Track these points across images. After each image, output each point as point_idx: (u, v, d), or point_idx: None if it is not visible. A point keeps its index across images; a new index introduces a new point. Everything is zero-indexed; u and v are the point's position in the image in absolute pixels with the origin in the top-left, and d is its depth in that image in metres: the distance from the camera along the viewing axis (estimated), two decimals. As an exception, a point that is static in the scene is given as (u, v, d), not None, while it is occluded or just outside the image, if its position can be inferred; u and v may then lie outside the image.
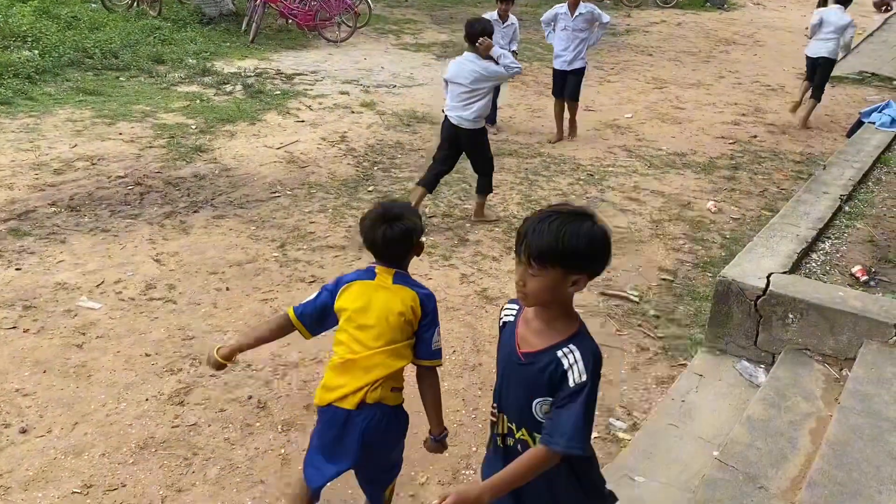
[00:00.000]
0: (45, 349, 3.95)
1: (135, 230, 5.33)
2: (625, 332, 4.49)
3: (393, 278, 2.55)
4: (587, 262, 1.92)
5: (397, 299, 2.50)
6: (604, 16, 7.89)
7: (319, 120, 8.20)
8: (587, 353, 1.97)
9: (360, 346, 2.49)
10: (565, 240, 1.86)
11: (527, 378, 2.03)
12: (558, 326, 2.02)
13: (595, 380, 1.96)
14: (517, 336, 2.08)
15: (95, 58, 9.46)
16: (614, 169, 7.26)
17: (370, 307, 2.50)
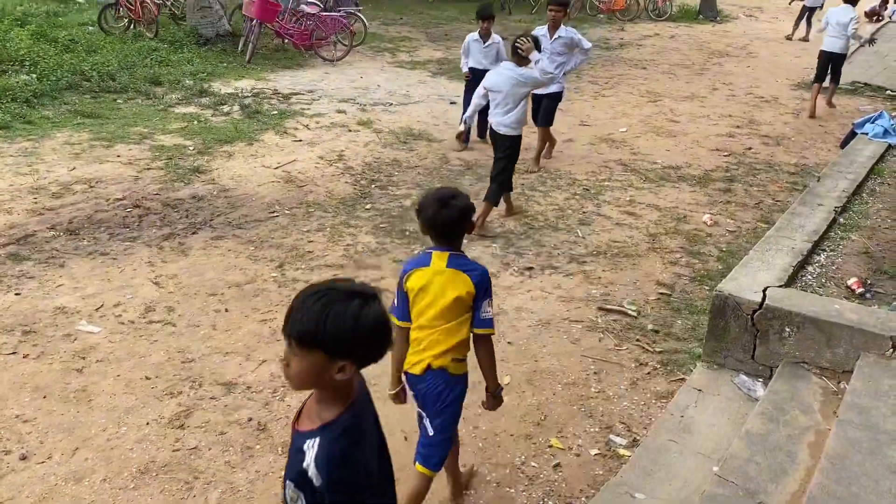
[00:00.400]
0: (45, 374, 3.96)
1: (134, 253, 5.35)
2: (623, 346, 4.51)
3: (447, 262, 2.80)
4: (351, 348, 1.72)
5: (452, 283, 2.78)
6: (584, 41, 7.43)
7: (317, 139, 8.24)
8: (323, 454, 1.70)
9: (423, 326, 2.83)
10: (328, 322, 1.69)
11: (289, 456, 1.82)
12: (321, 410, 1.79)
13: (334, 487, 1.70)
14: (303, 408, 1.88)
15: (93, 80, 9.52)
16: (610, 183, 7.29)
17: (428, 292, 2.80)
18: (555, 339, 4.54)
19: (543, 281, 5.26)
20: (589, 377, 4.20)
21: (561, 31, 7.29)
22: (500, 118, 5.95)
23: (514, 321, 4.70)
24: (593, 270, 5.45)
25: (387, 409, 2.89)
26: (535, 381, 4.12)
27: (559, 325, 4.69)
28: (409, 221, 6.17)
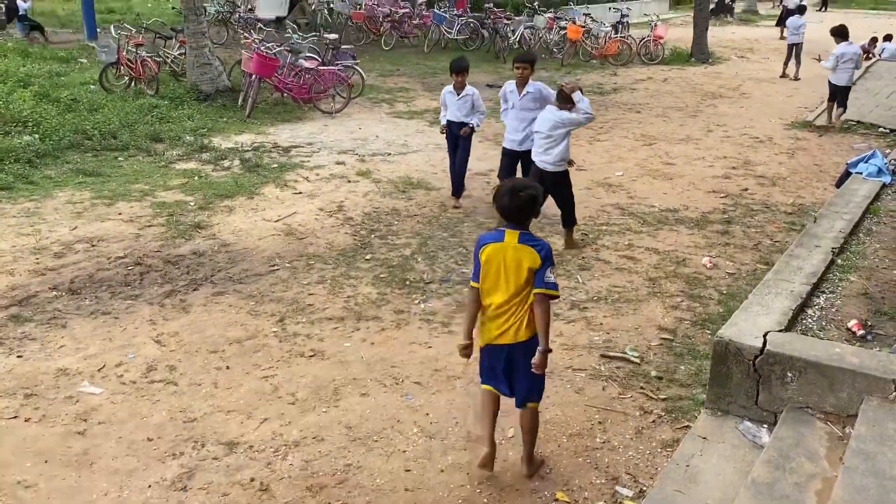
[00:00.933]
0: (47, 438, 3.94)
1: (135, 311, 5.37)
2: (627, 395, 4.49)
3: (518, 238, 3.50)
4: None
5: (523, 257, 3.46)
6: (551, 95, 6.91)
7: (317, 190, 8.33)
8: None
9: (501, 296, 3.50)
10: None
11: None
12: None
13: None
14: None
15: (95, 139, 9.65)
16: (608, 227, 7.34)
17: (504, 264, 3.49)
18: (558, 388, 4.53)
19: (544, 329, 5.26)
20: (594, 427, 4.17)
21: (529, 87, 7.14)
22: (543, 157, 6.60)
23: (516, 371, 4.68)
24: (594, 317, 5.46)
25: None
26: (540, 432, 4.06)
27: (562, 374, 4.68)
28: (409, 271, 6.20)
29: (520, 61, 7.14)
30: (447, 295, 5.78)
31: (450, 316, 5.43)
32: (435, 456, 3.88)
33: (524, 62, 7.12)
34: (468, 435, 4.06)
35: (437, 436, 4.05)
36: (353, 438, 4.01)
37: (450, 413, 4.25)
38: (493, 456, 3.68)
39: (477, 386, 4.50)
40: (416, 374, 4.65)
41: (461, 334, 3.75)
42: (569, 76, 17.31)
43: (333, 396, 4.40)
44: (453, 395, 4.42)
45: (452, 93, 7.77)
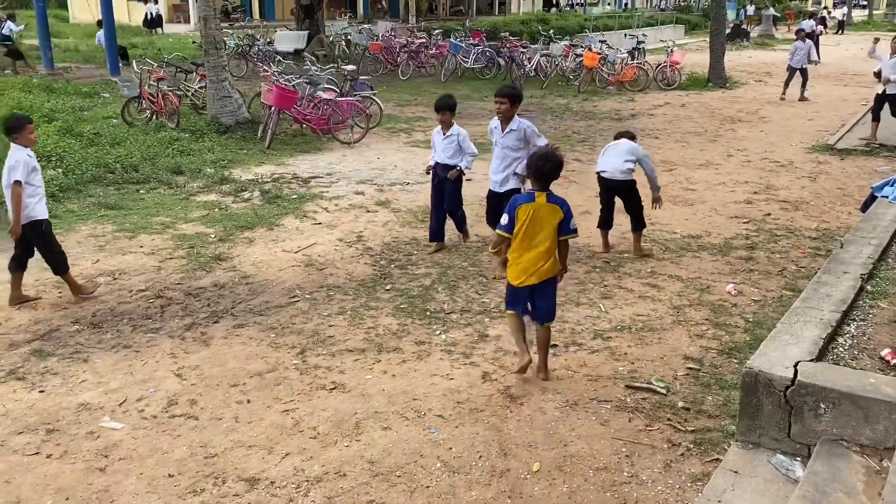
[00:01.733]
0: (68, 475, 3.92)
1: (156, 345, 5.36)
2: (654, 426, 4.39)
3: (546, 198, 4.67)
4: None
5: (550, 213, 4.66)
6: (540, 137, 6.63)
7: (336, 221, 8.34)
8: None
9: (532, 245, 4.68)
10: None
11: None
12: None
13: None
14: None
15: (117, 172, 9.77)
16: (630, 255, 7.26)
17: (536, 220, 4.65)
18: (583, 421, 4.44)
19: (568, 359, 5.18)
20: (621, 461, 4.08)
21: (513, 124, 6.56)
22: (619, 167, 7.13)
23: (541, 403, 4.61)
24: (618, 346, 5.37)
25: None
26: (566, 467, 4.01)
27: (587, 406, 4.59)
28: (429, 301, 6.16)
29: (498, 96, 6.56)
30: (468, 325, 5.72)
31: (471, 346, 5.37)
32: (459, 492, 3.80)
33: (502, 97, 6.51)
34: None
35: (461, 471, 3.97)
36: (376, 474, 3.95)
37: (473, 447, 4.18)
38: (529, 363, 4.79)
39: (499, 419, 4.45)
40: (439, 407, 4.59)
41: (497, 265, 5.57)
42: (586, 103, 17.36)
43: (355, 430, 4.35)
44: (477, 429, 4.35)
45: (439, 132, 7.25)
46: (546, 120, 15.10)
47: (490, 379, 4.93)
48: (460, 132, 7.25)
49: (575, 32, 29.73)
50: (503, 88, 6.71)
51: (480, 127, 14.20)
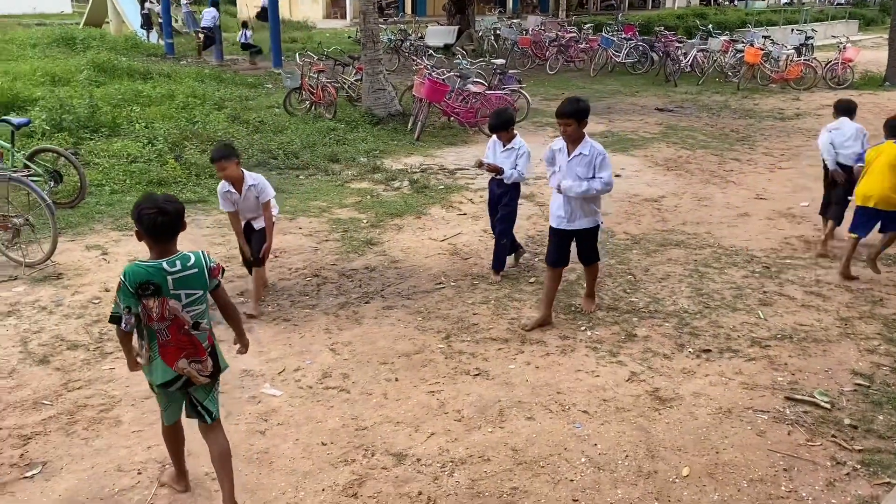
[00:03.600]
0: (232, 434, 4.17)
1: (312, 320, 5.64)
2: (817, 442, 4.11)
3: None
4: None
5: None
6: (607, 170, 5.28)
7: (481, 212, 8.39)
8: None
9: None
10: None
11: None
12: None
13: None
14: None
15: (279, 158, 10.34)
16: (792, 261, 6.83)
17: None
18: (737, 429, 4.23)
19: (723, 365, 4.95)
20: (778, 474, 3.85)
21: (584, 147, 5.28)
22: (848, 151, 6.95)
23: (691, 408, 4.44)
24: (778, 356, 5.07)
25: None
26: (717, 474, 3.83)
27: (742, 415, 4.37)
28: (574, 296, 6.08)
29: (562, 116, 5.23)
30: (614, 324, 5.60)
31: (618, 345, 5.25)
32: (604, 488, 3.73)
33: (566, 117, 5.18)
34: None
35: (606, 467, 3.90)
36: (519, 462, 3.95)
37: (619, 445, 4.09)
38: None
39: (647, 420, 4.33)
40: (584, 403, 4.52)
41: None
42: (745, 100, 16.50)
43: (499, 417, 4.37)
44: (623, 428, 4.25)
45: (497, 143, 6.44)
46: (702, 117, 14.49)
47: (637, 379, 4.80)
48: (523, 146, 6.39)
49: (735, 27, 28.31)
50: (566, 105, 5.23)
51: (631, 123, 13.87)
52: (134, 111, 11.84)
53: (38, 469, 3.86)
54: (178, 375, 3.34)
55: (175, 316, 3.26)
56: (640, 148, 11.80)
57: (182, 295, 3.26)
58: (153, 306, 3.21)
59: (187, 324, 3.31)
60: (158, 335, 3.28)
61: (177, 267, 3.24)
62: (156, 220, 3.18)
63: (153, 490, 3.71)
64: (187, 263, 3.27)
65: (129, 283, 3.17)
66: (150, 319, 3.24)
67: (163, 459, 3.94)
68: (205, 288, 3.36)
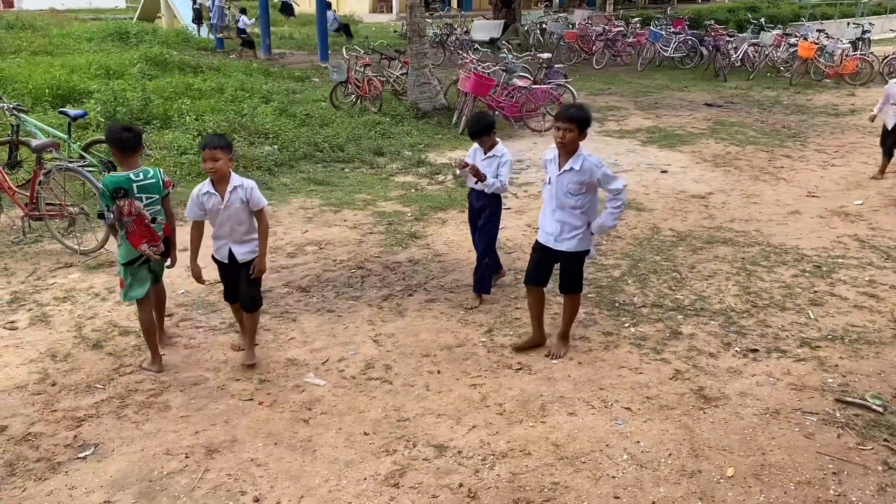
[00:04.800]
0: (277, 422, 4.27)
1: (356, 311, 5.69)
2: (868, 446, 4.01)
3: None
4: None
5: None
6: (614, 179, 4.68)
7: (525, 207, 8.38)
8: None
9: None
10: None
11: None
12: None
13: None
14: None
15: (325, 151, 10.45)
16: (845, 261, 6.66)
17: None
18: (785, 431, 4.15)
19: (770, 365, 4.86)
20: (826, 477, 3.76)
21: (576, 161, 4.64)
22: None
23: (737, 408, 4.36)
24: (828, 357, 4.95)
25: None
26: (763, 476, 3.77)
27: (790, 416, 4.28)
28: (618, 293, 6.02)
29: (563, 119, 4.60)
30: (658, 321, 5.53)
31: (662, 343, 5.18)
32: (646, 486, 3.70)
33: (568, 121, 4.57)
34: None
35: (649, 465, 3.86)
36: (561, 457, 3.94)
37: (662, 443, 4.04)
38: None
39: (691, 419, 4.27)
40: (626, 400, 4.48)
41: None
42: (798, 96, 16.10)
43: (540, 412, 4.36)
44: (667, 426, 4.20)
45: (478, 151, 5.75)
46: (752, 113, 14.19)
47: (682, 377, 4.74)
48: (505, 154, 5.72)
49: (788, 21, 27.63)
50: (568, 109, 4.69)
51: (679, 119, 13.65)
52: (185, 104, 12.08)
53: (90, 450, 3.99)
54: (140, 255, 4.61)
55: (139, 213, 4.52)
56: (687, 144, 11.61)
57: (143, 197, 4.58)
58: (124, 205, 4.48)
59: (147, 218, 4.58)
60: (127, 226, 4.55)
61: (140, 177, 4.57)
62: (122, 136, 4.50)
63: (200, 474, 3.80)
64: (147, 175, 4.62)
65: (107, 188, 4.47)
66: (122, 214, 4.50)
67: (209, 444, 4.04)
68: (160, 193, 4.66)
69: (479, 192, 5.80)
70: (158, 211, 4.68)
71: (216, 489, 3.69)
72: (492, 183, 5.63)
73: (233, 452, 3.98)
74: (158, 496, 3.64)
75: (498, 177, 5.65)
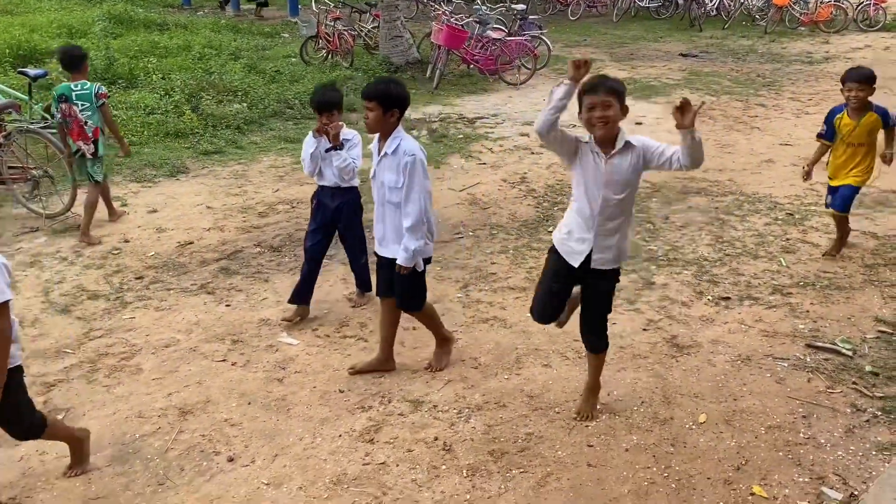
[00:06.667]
0: (250, 382, 4.24)
1: (329, 270, 5.64)
2: (837, 389, 4.07)
3: None
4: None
5: None
6: (416, 167, 3.87)
7: (500, 162, 8.31)
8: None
9: None
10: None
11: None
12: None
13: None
14: None
15: (295, 108, 10.26)
16: (817, 208, 6.69)
17: None
18: (756, 377, 4.19)
19: (742, 313, 4.89)
20: (796, 421, 3.82)
21: (391, 145, 3.94)
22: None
23: (709, 355, 4.40)
24: (799, 303, 5.00)
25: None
26: (735, 421, 3.81)
27: (761, 362, 4.33)
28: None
29: (365, 96, 3.91)
30: (632, 272, 5.53)
31: (636, 293, 5.20)
32: (619, 434, 3.73)
33: (369, 98, 3.88)
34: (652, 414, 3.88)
35: (622, 414, 3.89)
36: (535, 408, 3.96)
37: (635, 392, 4.07)
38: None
39: (664, 367, 4.30)
40: (600, 350, 4.50)
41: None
42: (773, 44, 16.04)
43: (516, 364, 4.37)
44: (639, 375, 4.23)
45: (317, 140, 4.74)
46: (727, 62, 14.12)
47: (655, 327, 4.76)
48: (355, 136, 4.84)
49: (763, -31, 27.36)
50: (370, 86, 3.96)
51: (654, 70, 13.52)
52: (151, 62, 11.77)
53: (61, 415, 3.94)
54: (78, 149, 6.08)
55: (76, 116, 5.98)
56: (662, 95, 11.54)
57: (79, 104, 5.99)
58: (65, 108, 5.98)
59: (81, 121, 6.01)
60: (70, 124, 6.03)
61: (78, 88, 5.99)
62: (67, 55, 6.09)
63: (173, 436, 3.77)
64: (84, 87, 6.03)
65: (55, 93, 6.07)
66: (64, 115, 5.99)
67: (182, 406, 4.01)
68: (92, 102, 6.02)
69: (333, 189, 4.80)
70: (90, 116, 6.03)
71: (190, 450, 3.67)
72: (344, 158, 4.66)
73: (206, 413, 3.96)
74: (131, 459, 3.62)
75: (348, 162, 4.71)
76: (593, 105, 3.36)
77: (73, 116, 5.97)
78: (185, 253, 5.97)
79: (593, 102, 3.35)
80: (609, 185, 3.49)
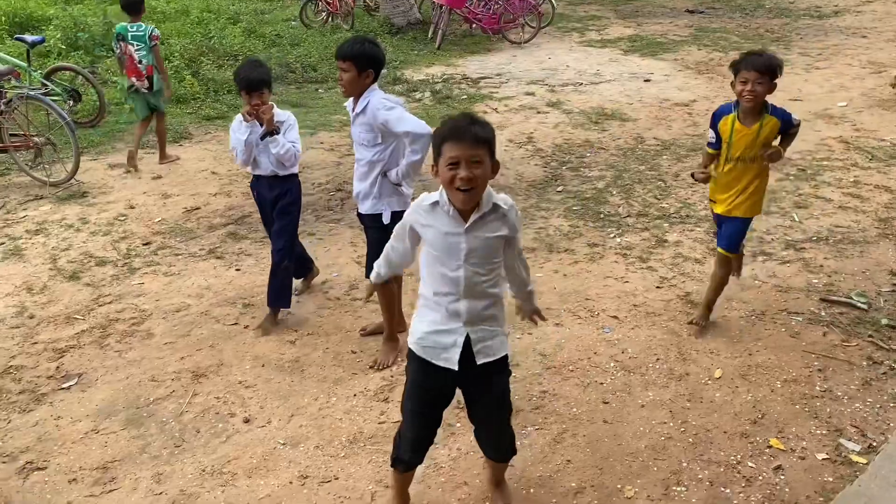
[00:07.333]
0: (263, 344, 4.22)
1: (337, 234, 5.60)
2: (853, 342, 4.04)
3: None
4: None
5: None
6: (406, 122, 3.80)
7: (506, 122, 8.20)
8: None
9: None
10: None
11: None
12: None
13: None
14: None
15: (297, 72, 10.12)
16: (829, 163, 6.60)
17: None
18: (771, 331, 4.16)
19: (756, 268, 4.85)
20: (812, 374, 3.80)
21: (362, 103, 3.86)
22: None
23: (724, 311, 4.36)
24: (813, 258, 4.95)
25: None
26: (750, 376, 3.79)
27: (776, 317, 4.29)
28: (603, 204, 5.96)
29: (339, 57, 3.85)
30: (644, 230, 5.48)
31: (648, 251, 5.15)
32: (635, 391, 3.72)
33: (345, 58, 3.80)
34: (670, 371, 3.85)
35: (637, 371, 3.87)
36: (548, 366, 3.94)
37: (650, 349, 4.05)
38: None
39: (678, 324, 4.27)
40: (613, 308, 4.47)
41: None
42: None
43: (527, 323, 4.33)
44: (654, 332, 4.20)
45: (248, 126, 4.34)
46: (734, 18, 13.88)
47: (668, 284, 4.72)
48: (290, 116, 4.51)
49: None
50: (343, 46, 3.85)
51: (661, 26, 13.29)
52: (149, 28, 11.58)
53: (74, 380, 3.94)
54: (132, 84, 6.79)
55: (131, 54, 6.68)
56: (669, 52, 11.36)
57: (135, 44, 6.69)
58: (123, 46, 6.71)
59: (136, 59, 6.70)
60: (126, 61, 6.77)
61: (134, 29, 6.71)
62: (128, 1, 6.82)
63: (187, 399, 3.77)
64: (140, 28, 6.72)
65: (116, 32, 6.82)
66: (122, 53, 6.74)
67: (195, 369, 4.00)
68: (146, 43, 6.70)
69: (270, 179, 4.37)
70: (144, 55, 6.70)
71: (205, 412, 3.67)
72: (282, 142, 4.26)
73: (220, 376, 3.95)
74: (146, 422, 3.62)
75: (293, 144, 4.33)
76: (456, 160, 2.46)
77: (128, 54, 6.66)
78: (192, 218, 5.92)
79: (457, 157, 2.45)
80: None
